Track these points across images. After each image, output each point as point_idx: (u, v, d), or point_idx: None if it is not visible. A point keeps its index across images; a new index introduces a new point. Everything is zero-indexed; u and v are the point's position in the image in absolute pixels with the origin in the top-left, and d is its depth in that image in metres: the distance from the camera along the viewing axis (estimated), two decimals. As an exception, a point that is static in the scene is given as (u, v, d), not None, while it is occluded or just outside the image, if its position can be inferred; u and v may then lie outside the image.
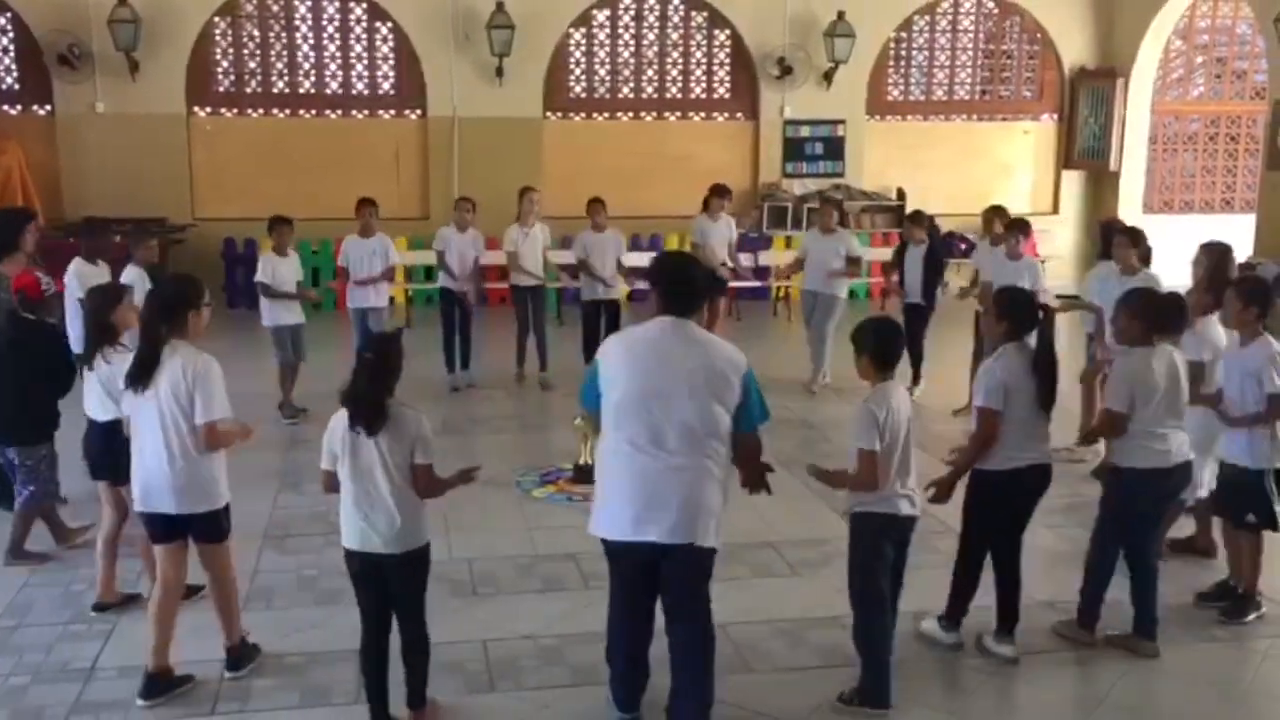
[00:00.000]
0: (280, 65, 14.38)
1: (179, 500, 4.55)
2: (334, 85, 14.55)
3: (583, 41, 14.97)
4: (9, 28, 13.66)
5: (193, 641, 4.83)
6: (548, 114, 14.79)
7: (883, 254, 13.76)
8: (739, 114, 15.39)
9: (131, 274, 7.81)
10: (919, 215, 10.03)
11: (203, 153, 14.12)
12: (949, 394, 9.24)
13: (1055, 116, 16.18)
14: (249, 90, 14.35)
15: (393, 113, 14.66)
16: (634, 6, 15.01)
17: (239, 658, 4.84)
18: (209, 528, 4.67)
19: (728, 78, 15.33)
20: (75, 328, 7.13)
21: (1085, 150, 15.88)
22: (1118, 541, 5.11)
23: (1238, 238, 12.63)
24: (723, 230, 10.86)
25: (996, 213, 9.41)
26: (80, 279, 7.58)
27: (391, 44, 14.49)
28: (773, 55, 14.87)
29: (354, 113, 14.59)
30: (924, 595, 5.14)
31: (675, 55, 15.27)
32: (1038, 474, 4.90)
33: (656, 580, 4.13)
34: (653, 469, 3.97)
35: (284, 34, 14.35)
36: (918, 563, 4.95)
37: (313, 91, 14.51)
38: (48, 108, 13.70)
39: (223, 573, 4.80)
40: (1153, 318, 5.08)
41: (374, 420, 4.06)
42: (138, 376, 4.48)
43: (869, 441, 4.40)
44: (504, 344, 10.76)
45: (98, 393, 5.28)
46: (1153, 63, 15.60)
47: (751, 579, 5.81)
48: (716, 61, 15.31)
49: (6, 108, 13.76)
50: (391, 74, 14.58)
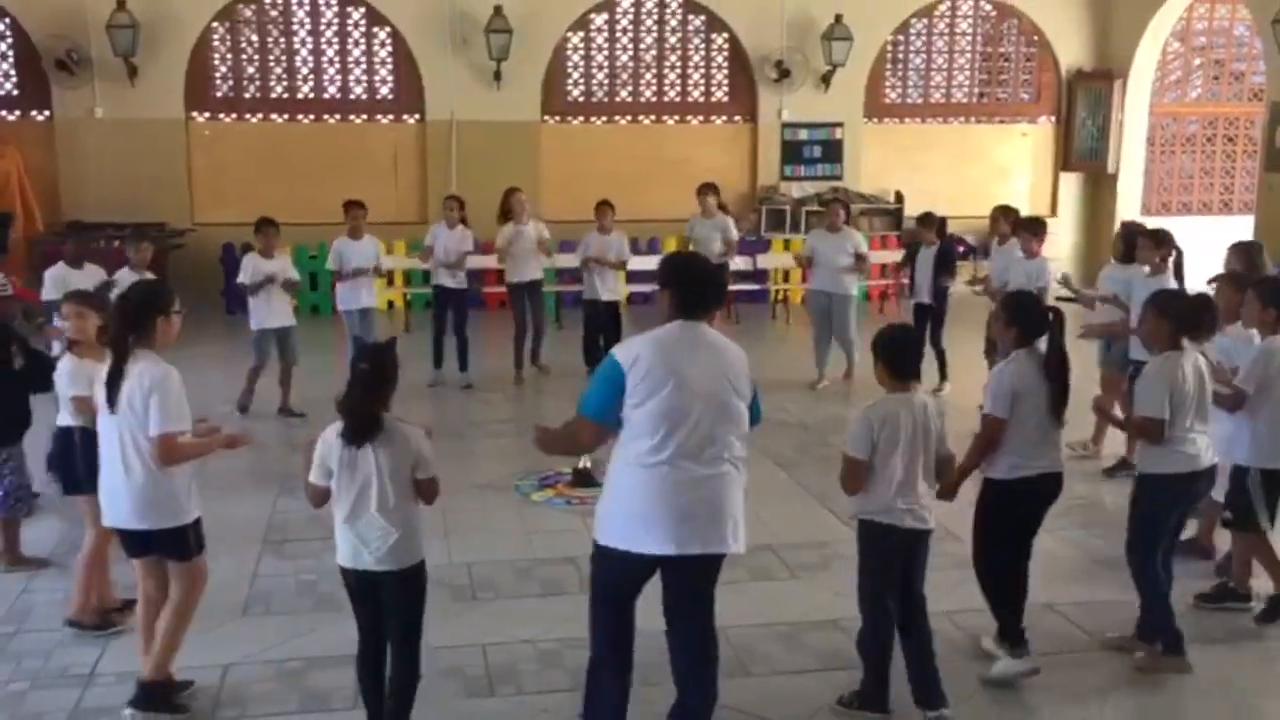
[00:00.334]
0: (279, 70, 14.38)
1: (140, 516, 4.40)
2: (332, 90, 14.57)
3: (580, 45, 14.97)
4: (7, 33, 13.66)
5: (187, 647, 4.80)
6: (545, 118, 14.80)
7: (879, 257, 13.79)
8: (737, 117, 15.41)
9: (125, 277, 7.82)
10: (930, 217, 10.07)
11: (201, 158, 14.12)
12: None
13: (1053, 118, 16.19)
14: (247, 95, 14.36)
15: (391, 117, 14.68)
16: (632, 10, 15.02)
17: (151, 696, 4.49)
18: (172, 544, 4.49)
19: (725, 81, 15.34)
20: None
21: (1083, 152, 15.88)
22: (1155, 548, 4.99)
23: (1237, 239, 12.72)
24: (711, 228, 10.88)
25: (1003, 212, 9.46)
26: (58, 283, 7.57)
27: (389, 48, 14.49)
28: (770, 58, 14.89)
29: (352, 117, 14.60)
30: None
31: (673, 59, 15.28)
32: (1049, 482, 4.80)
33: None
34: (689, 480, 3.83)
35: (282, 39, 14.36)
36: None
37: (311, 96, 14.52)
38: (46, 113, 13.69)
39: (186, 594, 4.55)
40: (1181, 319, 4.97)
41: (368, 432, 4.00)
42: (111, 392, 4.32)
43: (855, 448, 4.36)
44: (501, 347, 10.77)
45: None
46: (1150, 64, 15.61)
47: (750, 582, 5.79)
48: (714, 65, 15.32)
49: (5, 113, 13.74)
50: (390, 78, 14.59)
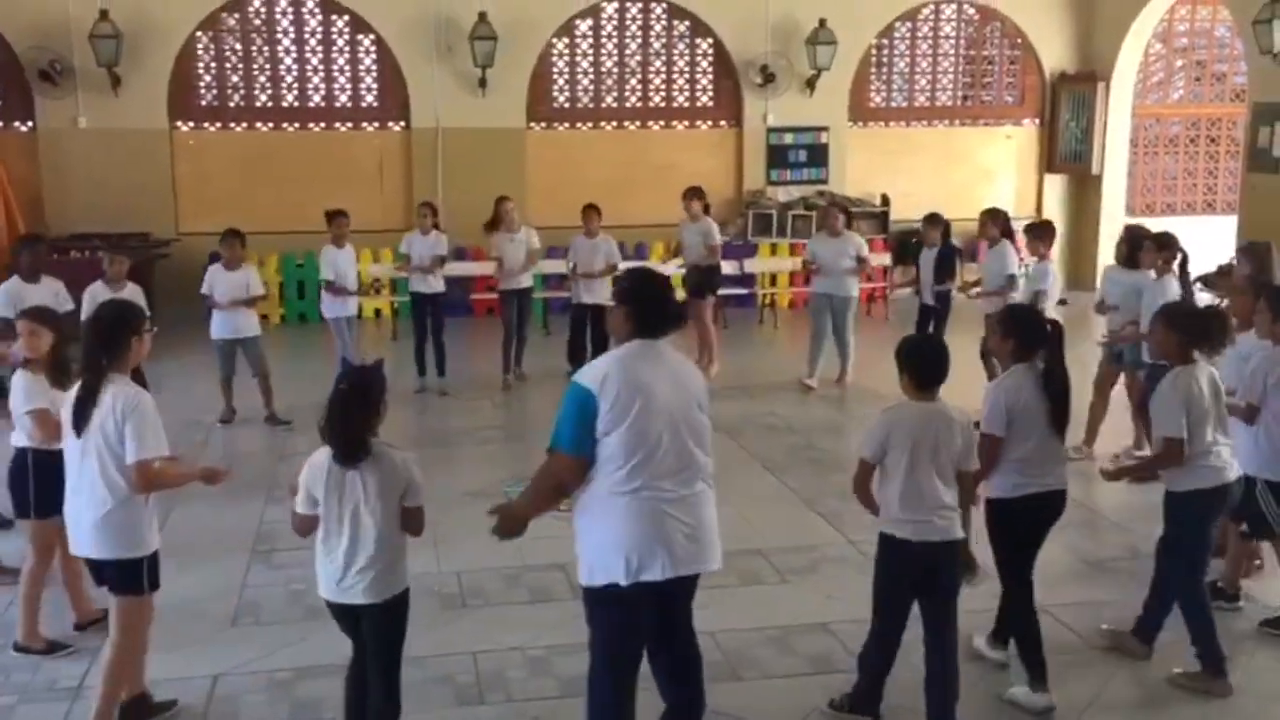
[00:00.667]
0: (263, 79, 14.34)
1: (98, 544, 4.28)
2: (317, 98, 14.53)
3: (565, 51, 14.98)
4: (-11, 44, 13.61)
5: (176, 659, 4.80)
6: (531, 124, 14.79)
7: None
8: (722, 122, 15.42)
9: (100, 291, 7.76)
10: (936, 217, 10.11)
11: (186, 167, 14.07)
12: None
13: (1037, 121, 16.25)
14: (232, 104, 14.30)
15: (376, 125, 14.65)
16: (616, 16, 15.03)
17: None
18: (124, 577, 4.30)
19: (710, 86, 15.36)
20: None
21: (1067, 154, 15.95)
22: (1197, 567, 4.88)
23: (1220, 239, 12.82)
24: (695, 233, 10.88)
25: (992, 216, 9.51)
26: (13, 298, 7.32)
27: (374, 56, 14.46)
28: (755, 63, 14.91)
29: (337, 125, 14.56)
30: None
31: (658, 64, 15.28)
32: (1053, 500, 4.67)
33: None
34: (673, 500, 3.76)
35: (266, 47, 14.32)
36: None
37: (296, 104, 14.48)
38: (29, 124, 13.63)
39: (125, 633, 4.32)
40: (1190, 331, 4.84)
41: (352, 453, 3.87)
42: (80, 416, 4.20)
43: (865, 448, 4.37)
44: (488, 354, 10.76)
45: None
46: (1133, 66, 15.68)
47: (740, 587, 5.80)
48: (699, 70, 15.33)
49: (-12, 124, 13.70)
50: (374, 86, 14.56)
